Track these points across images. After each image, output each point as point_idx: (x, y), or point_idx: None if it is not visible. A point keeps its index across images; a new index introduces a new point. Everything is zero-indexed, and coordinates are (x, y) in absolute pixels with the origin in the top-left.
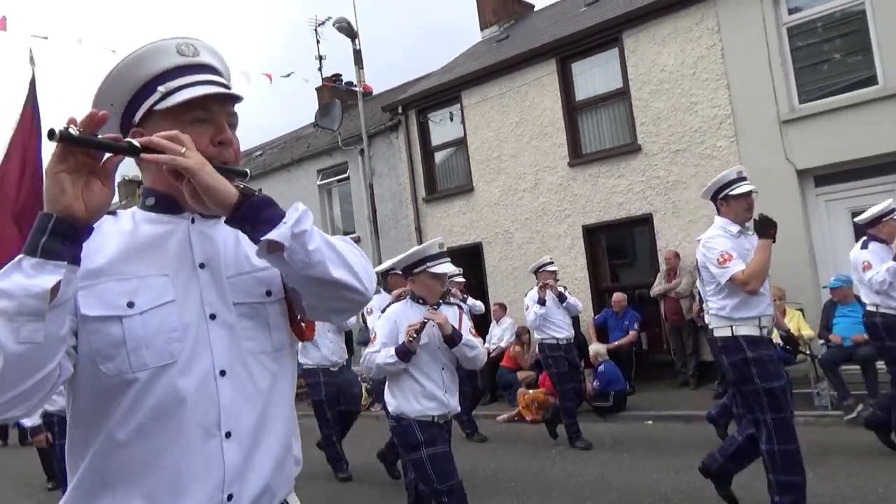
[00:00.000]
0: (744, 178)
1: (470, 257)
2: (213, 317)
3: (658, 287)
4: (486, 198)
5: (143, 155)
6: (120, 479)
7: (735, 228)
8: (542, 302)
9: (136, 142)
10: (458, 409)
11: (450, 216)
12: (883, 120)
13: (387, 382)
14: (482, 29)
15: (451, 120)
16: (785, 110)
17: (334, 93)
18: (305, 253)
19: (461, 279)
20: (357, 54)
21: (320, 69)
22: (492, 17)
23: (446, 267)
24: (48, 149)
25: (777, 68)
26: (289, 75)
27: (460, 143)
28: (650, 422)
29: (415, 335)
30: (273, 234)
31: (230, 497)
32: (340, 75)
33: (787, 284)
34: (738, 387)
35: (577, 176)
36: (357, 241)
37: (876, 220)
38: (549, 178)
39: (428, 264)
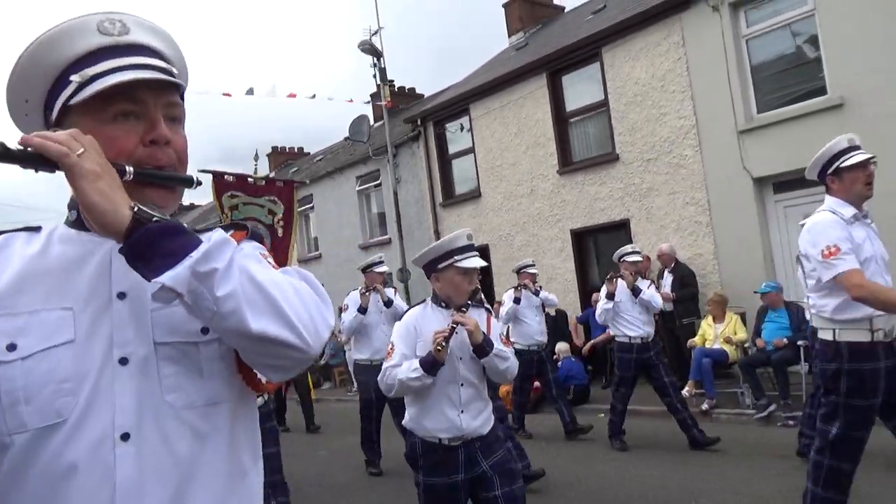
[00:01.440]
0: (857, 147)
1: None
2: (123, 361)
3: None
4: (491, 203)
5: (19, 163)
6: None
7: (849, 211)
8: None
9: (9, 144)
10: (483, 431)
11: (462, 220)
12: (831, 129)
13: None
14: (509, 35)
15: (462, 130)
16: (742, 120)
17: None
18: (213, 300)
19: (534, 270)
20: (382, 72)
21: (374, 76)
22: (518, 23)
23: (476, 261)
24: None
25: (735, 80)
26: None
27: (470, 152)
28: (602, 415)
29: (444, 343)
30: (166, 277)
31: None
32: (393, 80)
33: (745, 288)
34: (824, 395)
35: (566, 183)
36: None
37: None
38: (543, 184)
39: (455, 258)
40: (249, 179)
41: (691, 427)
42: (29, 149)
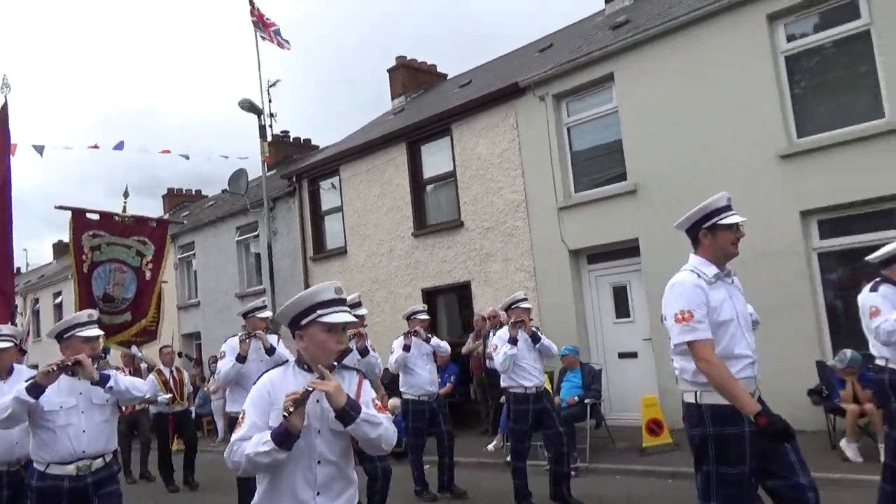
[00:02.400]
0: (731, 207)
1: None
2: None
3: (466, 346)
4: (356, 260)
5: None
6: None
7: (712, 271)
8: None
9: None
10: None
11: (330, 274)
12: (629, 211)
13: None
14: (392, 99)
15: (333, 189)
16: (562, 198)
17: (281, 147)
18: None
19: (425, 316)
20: (262, 129)
21: (271, 126)
22: (400, 88)
23: (343, 316)
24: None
25: (557, 162)
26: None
27: (339, 211)
28: (427, 466)
29: (292, 407)
30: None
31: None
32: (288, 132)
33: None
34: (696, 466)
35: (420, 245)
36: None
37: (891, 260)
38: (400, 245)
39: (319, 312)
40: (116, 217)
41: (563, 483)
42: None
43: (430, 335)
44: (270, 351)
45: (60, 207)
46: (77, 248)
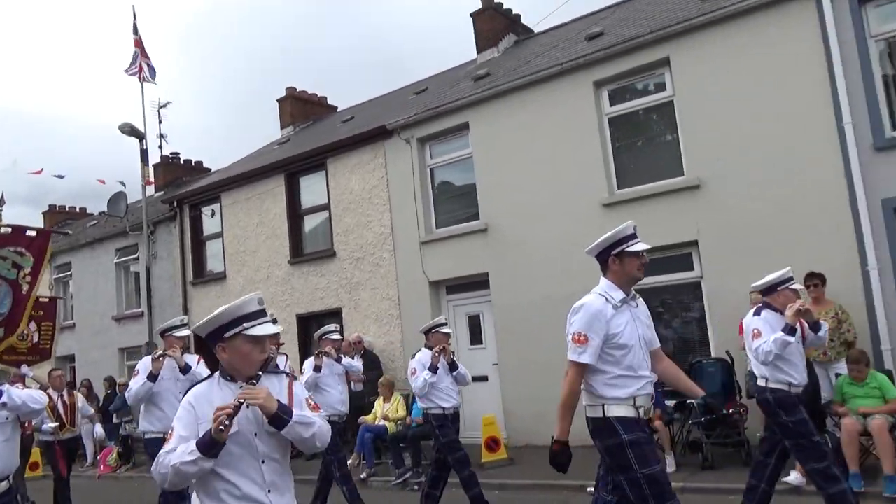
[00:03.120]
0: (636, 236)
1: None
2: None
3: None
4: (234, 285)
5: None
6: None
7: (619, 295)
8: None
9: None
10: None
11: (209, 299)
12: (480, 247)
13: (194, 491)
14: (282, 128)
15: (213, 216)
16: (423, 233)
17: (171, 169)
18: None
19: (337, 336)
20: (143, 153)
21: (160, 146)
22: (289, 118)
23: (268, 328)
24: None
25: (419, 200)
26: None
27: (219, 237)
28: None
29: (227, 421)
30: None
31: None
32: (178, 153)
33: None
34: (617, 475)
35: (295, 272)
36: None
37: (771, 289)
38: (277, 272)
39: (244, 325)
40: None
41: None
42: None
43: (341, 355)
44: (185, 370)
45: None
46: None
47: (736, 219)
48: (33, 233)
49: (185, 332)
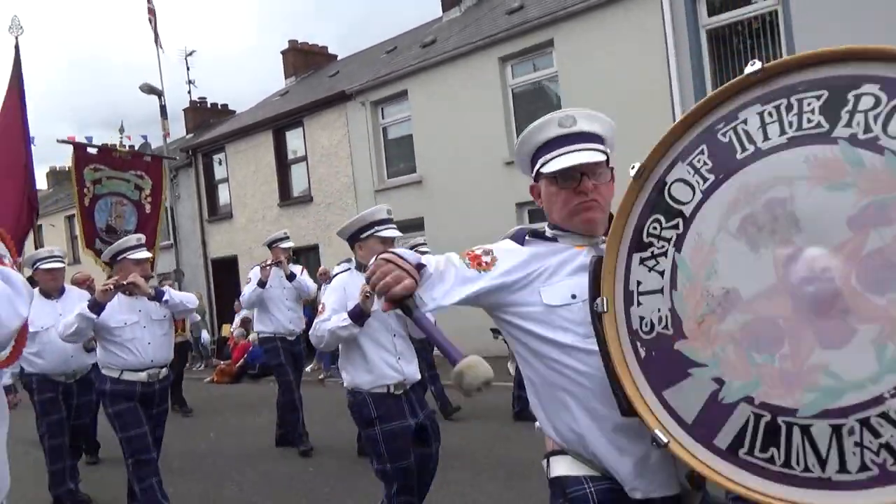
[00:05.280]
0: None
1: (228, 266)
2: None
3: None
4: (240, 223)
5: None
6: None
7: None
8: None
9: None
10: (416, 376)
11: (220, 233)
12: (416, 197)
13: (339, 358)
14: (285, 78)
15: (220, 164)
16: (377, 182)
17: (199, 113)
18: None
19: (289, 244)
20: (163, 109)
21: (189, 92)
22: (291, 69)
23: (394, 231)
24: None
25: (373, 154)
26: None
27: (226, 182)
28: None
29: (369, 293)
30: None
31: None
32: (205, 98)
33: None
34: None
35: (284, 213)
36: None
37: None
38: (269, 213)
39: (376, 228)
40: (114, 152)
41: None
42: None
43: (293, 272)
44: (291, 277)
45: (62, 141)
46: (79, 181)
47: None
48: (148, 158)
49: (288, 244)
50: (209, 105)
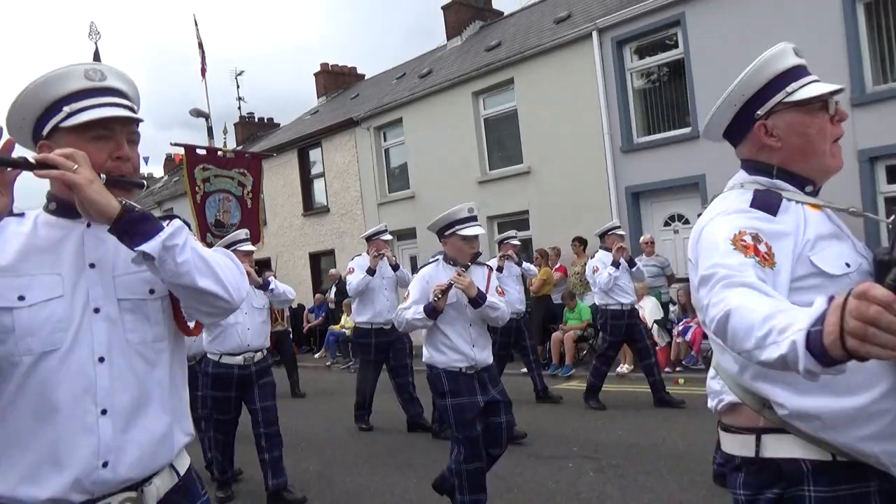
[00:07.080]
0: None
1: (263, 267)
2: (97, 310)
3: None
4: (272, 229)
5: (35, 171)
6: (4, 451)
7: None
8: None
9: (31, 158)
10: (489, 361)
11: (266, 236)
12: (409, 209)
13: (425, 336)
14: (318, 97)
15: None
16: (379, 197)
17: (248, 127)
18: (174, 263)
19: (516, 242)
20: (209, 130)
21: (239, 108)
22: (322, 89)
23: (476, 230)
24: None
25: (377, 173)
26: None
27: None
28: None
29: (440, 295)
30: (145, 246)
31: (105, 464)
32: (253, 113)
33: None
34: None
35: (307, 222)
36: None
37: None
38: (295, 221)
39: (457, 227)
40: (219, 153)
41: (660, 388)
42: (31, 159)
43: (522, 257)
44: (395, 267)
45: (176, 144)
46: (191, 181)
47: (553, 197)
48: (249, 156)
49: (388, 237)
50: (256, 119)
